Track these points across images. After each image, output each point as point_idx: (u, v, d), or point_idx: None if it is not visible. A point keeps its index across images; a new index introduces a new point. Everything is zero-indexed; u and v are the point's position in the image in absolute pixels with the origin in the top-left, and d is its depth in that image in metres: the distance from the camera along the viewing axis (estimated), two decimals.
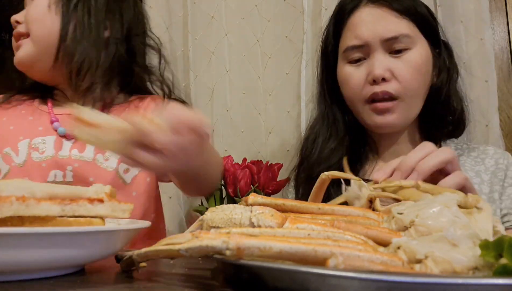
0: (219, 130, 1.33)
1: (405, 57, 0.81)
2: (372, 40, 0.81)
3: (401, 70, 0.80)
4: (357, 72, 0.84)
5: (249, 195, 0.43)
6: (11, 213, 0.38)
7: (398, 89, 0.80)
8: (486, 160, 0.86)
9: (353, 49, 0.84)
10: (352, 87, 0.84)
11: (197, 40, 1.37)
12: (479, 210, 0.36)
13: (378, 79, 0.79)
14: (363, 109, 0.84)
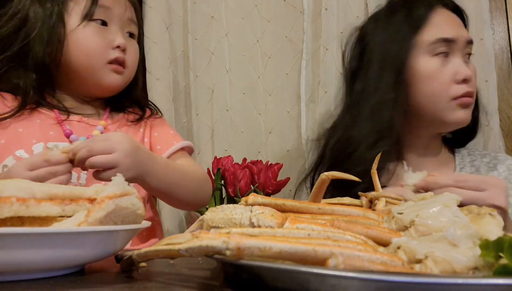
0: (219, 130, 1.33)
1: (472, 63, 0.89)
2: (460, 38, 0.87)
3: (473, 75, 0.88)
4: (444, 68, 0.86)
5: (249, 195, 0.43)
6: (11, 214, 0.38)
7: (474, 90, 0.88)
8: (498, 166, 0.90)
9: (443, 42, 0.86)
10: (441, 83, 0.86)
11: (197, 40, 1.37)
12: (492, 216, 0.36)
13: (468, 79, 0.86)
14: (447, 105, 0.86)
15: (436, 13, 0.89)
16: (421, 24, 0.89)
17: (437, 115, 0.87)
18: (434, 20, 0.88)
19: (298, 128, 1.28)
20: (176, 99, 1.35)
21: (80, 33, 0.81)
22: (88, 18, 0.81)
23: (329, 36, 1.25)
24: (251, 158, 1.22)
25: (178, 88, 1.37)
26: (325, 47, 1.25)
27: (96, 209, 0.40)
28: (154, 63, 1.33)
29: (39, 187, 0.41)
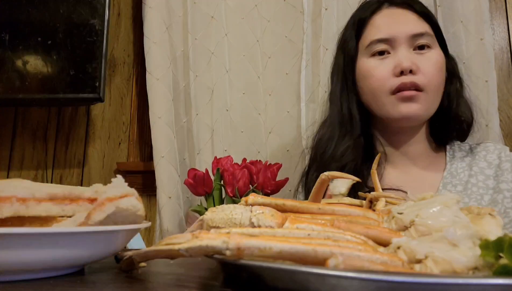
0: (219, 130, 1.33)
1: (428, 55, 0.85)
2: (397, 34, 0.85)
3: (425, 65, 0.83)
4: (382, 65, 0.86)
5: (249, 195, 0.43)
6: (11, 214, 0.38)
7: (424, 81, 0.82)
8: (487, 156, 0.89)
9: (378, 42, 0.86)
10: (378, 79, 0.85)
11: (197, 40, 1.37)
12: (492, 216, 0.36)
13: (406, 70, 0.82)
14: (387, 100, 0.85)
15: (378, 15, 0.89)
16: (362, 28, 0.91)
17: (382, 112, 0.87)
18: (374, 22, 0.89)
19: (298, 128, 1.28)
20: (176, 99, 1.35)
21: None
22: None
23: (329, 36, 1.25)
24: (251, 158, 1.22)
25: (178, 88, 1.37)
26: (325, 47, 1.25)
27: (97, 211, 0.40)
28: (154, 63, 1.33)
29: (39, 187, 0.41)
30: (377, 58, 0.87)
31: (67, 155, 1.53)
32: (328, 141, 0.92)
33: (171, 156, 1.29)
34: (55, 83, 1.35)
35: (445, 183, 0.86)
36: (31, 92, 1.34)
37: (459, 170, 0.88)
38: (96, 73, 1.34)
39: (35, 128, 1.54)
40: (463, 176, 0.87)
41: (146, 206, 1.45)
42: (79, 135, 1.54)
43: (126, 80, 1.55)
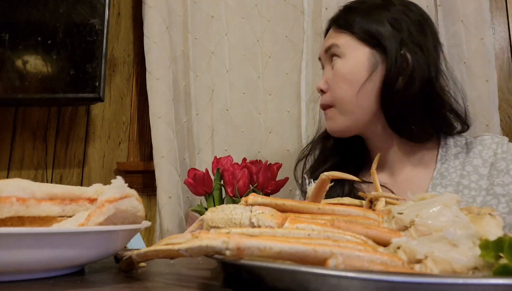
0: (219, 130, 1.33)
1: (335, 67, 0.88)
2: (322, 53, 0.93)
3: (331, 80, 0.89)
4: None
5: (249, 195, 0.43)
6: (11, 214, 0.38)
7: (328, 99, 0.89)
8: (483, 152, 0.84)
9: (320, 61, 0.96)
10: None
11: (197, 40, 1.37)
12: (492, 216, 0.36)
13: (319, 92, 0.91)
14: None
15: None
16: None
17: None
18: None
19: (298, 128, 1.28)
20: (176, 99, 1.35)
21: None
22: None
23: None
24: (251, 158, 1.22)
25: (178, 88, 1.37)
26: None
27: (97, 213, 0.40)
28: (154, 63, 1.33)
29: (39, 186, 0.41)
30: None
31: (67, 154, 1.53)
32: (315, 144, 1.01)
33: (171, 155, 1.29)
34: (55, 83, 1.35)
35: (434, 184, 0.83)
36: (31, 92, 1.34)
37: (450, 170, 0.83)
38: (96, 73, 1.34)
39: (35, 128, 1.54)
40: (455, 176, 0.82)
41: (146, 206, 1.45)
42: (79, 135, 1.54)
43: (126, 80, 1.55)
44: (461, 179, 0.81)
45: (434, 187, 0.82)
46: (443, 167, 0.85)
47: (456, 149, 0.87)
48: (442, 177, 0.83)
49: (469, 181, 0.81)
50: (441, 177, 0.83)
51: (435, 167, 0.85)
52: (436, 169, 0.85)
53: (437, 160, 0.86)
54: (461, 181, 0.81)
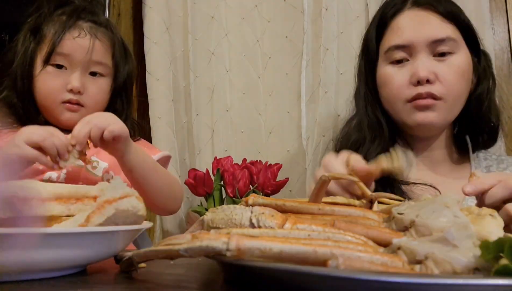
0: (219, 130, 1.33)
1: (450, 61, 0.82)
2: (417, 41, 0.82)
3: (445, 73, 0.81)
4: (399, 73, 0.85)
5: (249, 196, 0.43)
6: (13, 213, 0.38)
7: (441, 91, 0.81)
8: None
9: (396, 49, 0.85)
10: (395, 87, 0.85)
11: (197, 40, 1.37)
12: (492, 217, 0.36)
13: (423, 80, 0.81)
14: (403, 108, 0.85)
15: (400, 17, 0.87)
16: (383, 30, 0.89)
17: (399, 118, 0.87)
18: (395, 25, 0.87)
19: (298, 129, 1.28)
20: (176, 99, 1.35)
21: (40, 76, 0.91)
22: (46, 63, 0.90)
23: (329, 36, 1.25)
24: (251, 158, 1.22)
25: (178, 88, 1.37)
26: (325, 47, 1.25)
27: (96, 214, 0.40)
28: (154, 63, 1.33)
29: (44, 186, 0.41)
30: (396, 65, 0.86)
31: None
32: (357, 143, 0.91)
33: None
34: None
35: None
36: None
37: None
38: None
39: None
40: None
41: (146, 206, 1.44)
42: None
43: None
44: None
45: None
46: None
47: (486, 161, 0.90)
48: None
49: None
50: None
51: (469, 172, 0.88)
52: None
53: (471, 170, 0.88)
54: None
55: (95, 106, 0.95)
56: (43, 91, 0.91)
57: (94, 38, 0.93)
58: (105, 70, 0.96)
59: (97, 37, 0.94)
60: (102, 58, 0.95)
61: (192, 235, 0.33)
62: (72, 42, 0.91)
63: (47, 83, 0.90)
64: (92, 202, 0.43)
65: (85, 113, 0.93)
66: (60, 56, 0.90)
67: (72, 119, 0.92)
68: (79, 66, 0.92)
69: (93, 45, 0.93)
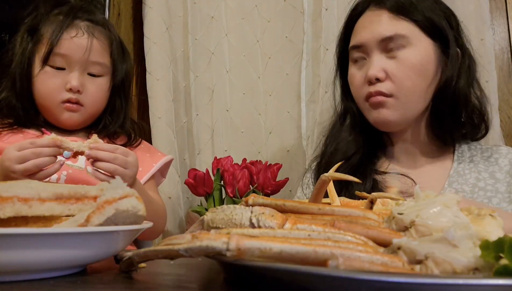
0: (219, 131, 1.33)
1: (401, 57, 0.83)
2: (367, 40, 0.85)
3: (395, 70, 0.82)
4: (358, 73, 0.88)
5: (249, 196, 0.43)
6: (13, 213, 0.38)
7: (391, 88, 0.83)
8: (500, 160, 0.88)
9: (353, 49, 0.89)
10: (355, 87, 0.89)
11: (197, 40, 1.37)
12: (492, 217, 0.36)
13: (372, 79, 0.83)
14: (363, 106, 0.88)
15: (361, 18, 0.89)
16: (347, 33, 0.92)
17: (365, 116, 0.90)
18: (357, 26, 0.90)
19: (298, 129, 1.28)
20: (176, 99, 1.35)
21: (38, 77, 0.91)
22: (45, 64, 0.90)
23: (329, 36, 1.25)
24: (251, 158, 1.22)
25: (178, 88, 1.37)
26: (325, 47, 1.25)
27: (96, 214, 0.40)
28: (154, 63, 1.33)
29: (44, 187, 0.41)
30: (356, 65, 0.89)
31: None
32: (333, 136, 0.96)
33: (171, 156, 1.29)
34: None
35: (451, 181, 0.86)
36: None
37: (466, 171, 0.87)
38: None
39: None
40: (469, 177, 0.86)
41: None
42: None
43: None
44: (477, 182, 0.85)
45: (451, 184, 0.86)
46: (459, 167, 0.88)
47: (470, 152, 0.91)
48: (459, 175, 0.87)
49: (485, 184, 0.84)
50: (457, 175, 0.87)
51: (452, 166, 0.89)
52: (453, 167, 0.88)
53: (454, 160, 0.90)
54: (477, 183, 0.85)
55: (94, 106, 0.95)
56: (42, 92, 0.91)
57: (92, 37, 0.93)
58: (103, 70, 0.96)
59: (95, 36, 0.94)
60: (100, 57, 0.95)
61: (192, 235, 0.33)
62: (70, 42, 0.91)
63: (46, 83, 0.90)
64: (92, 202, 0.43)
65: (84, 113, 0.94)
66: (58, 57, 0.90)
67: (72, 119, 0.93)
68: (77, 66, 0.92)
69: (91, 45, 0.93)
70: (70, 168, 0.88)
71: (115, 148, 0.78)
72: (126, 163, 0.77)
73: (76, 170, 0.89)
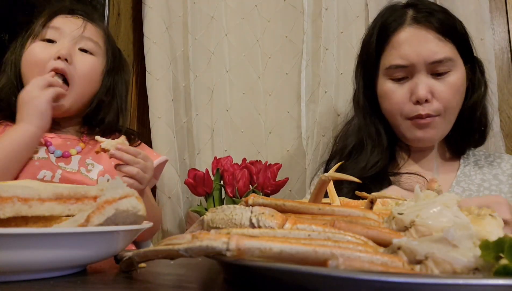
0: (219, 130, 1.33)
1: (447, 80, 0.86)
2: (417, 61, 0.86)
3: (442, 92, 0.85)
4: (400, 90, 0.88)
5: (249, 196, 0.43)
6: (13, 213, 0.38)
7: (438, 109, 0.86)
8: (502, 164, 0.92)
9: (398, 68, 0.88)
10: (395, 103, 0.89)
11: (197, 40, 1.37)
12: (493, 217, 0.36)
13: (422, 100, 0.85)
14: (403, 123, 0.89)
15: (401, 34, 0.88)
16: (383, 45, 0.92)
17: (399, 131, 0.91)
18: (396, 42, 0.89)
19: (298, 129, 1.28)
20: (176, 99, 1.35)
21: (28, 50, 0.89)
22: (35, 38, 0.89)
23: (329, 36, 1.25)
24: (251, 158, 1.22)
25: (178, 88, 1.37)
26: (325, 47, 1.25)
27: (96, 214, 0.40)
28: (154, 63, 1.33)
29: (45, 187, 0.41)
30: (396, 82, 0.89)
31: None
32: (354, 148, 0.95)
33: (171, 156, 1.29)
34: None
35: (458, 180, 0.90)
36: None
37: (471, 173, 0.92)
38: None
39: None
40: (475, 178, 0.90)
41: None
42: None
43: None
44: (482, 182, 0.90)
45: (458, 183, 0.90)
46: (466, 169, 0.93)
47: (474, 157, 0.96)
48: (465, 176, 0.91)
49: (489, 184, 0.89)
50: (464, 175, 0.91)
51: (459, 167, 0.93)
52: (460, 169, 0.93)
53: (460, 163, 0.94)
54: (482, 183, 0.89)
55: (82, 83, 0.90)
56: (29, 62, 0.87)
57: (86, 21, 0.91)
58: (95, 48, 0.92)
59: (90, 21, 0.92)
60: (94, 36, 0.92)
61: (192, 235, 0.33)
62: (64, 19, 0.89)
63: (34, 53, 0.87)
64: (92, 202, 0.43)
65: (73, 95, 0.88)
66: (50, 30, 0.88)
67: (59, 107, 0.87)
68: (69, 38, 0.88)
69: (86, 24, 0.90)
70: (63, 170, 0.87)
71: (138, 152, 0.79)
72: (146, 168, 0.80)
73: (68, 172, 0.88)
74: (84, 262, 0.42)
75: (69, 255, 0.38)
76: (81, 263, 0.42)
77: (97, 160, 0.92)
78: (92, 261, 0.43)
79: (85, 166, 0.90)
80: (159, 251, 0.35)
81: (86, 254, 0.40)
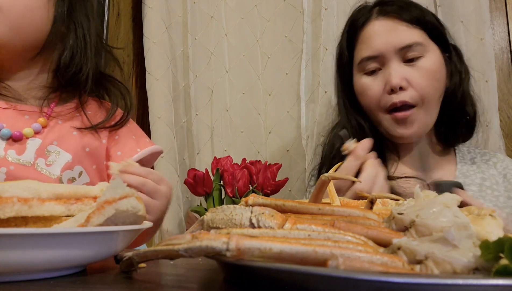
0: (219, 130, 1.33)
1: (420, 65, 0.84)
2: (386, 50, 0.85)
3: (417, 78, 0.83)
4: (374, 83, 0.87)
5: (249, 196, 0.43)
6: (13, 214, 0.38)
7: (415, 96, 0.83)
8: (498, 164, 0.91)
9: (368, 60, 0.87)
10: (371, 97, 0.87)
11: (197, 40, 1.37)
12: (493, 217, 0.36)
13: (395, 88, 0.82)
14: (383, 118, 0.87)
15: (368, 27, 0.89)
16: (353, 42, 0.92)
17: (382, 128, 0.89)
18: (364, 36, 0.89)
19: (298, 128, 1.28)
20: (175, 99, 1.35)
21: None
22: None
23: (329, 36, 1.25)
24: (251, 158, 1.22)
25: (177, 88, 1.37)
26: (325, 47, 1.25)
27: (96, 214, 0.40)
28: (153, 63, 1.33)
29: (44, 187, 0.41)
30: (370, 75, 0.88)
31: None
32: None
33: (170, 156, 1.29)
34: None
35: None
36: None
37: (470, 172, 0.90)
38: None
39: None
40: (475, 178, 0.89)
41: None
42: None
43: (125, 80, 1.55)
44: (483, 181, 0.88)
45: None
46: (464, 168, 0.91)
47: (470, 155, 0.94)
48: (465, 177, 0.89)
49: (490, 183, 0.88)
50: (463, 176, 0.89)
51: (456, 167, 0.91)
52: (457, 169, 0.91)
53: (457, 162, 0.92)
54: (483, 183, 0.88)
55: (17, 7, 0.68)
56: None
57: None
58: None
59: None
60: None
61: (192, 235, 0.33)
62: None
63: None
64: (92, 202, 0.43)
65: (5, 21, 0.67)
66: None
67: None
68: None
69: None
70: (12, 163, 0.68)
71: (148, 172, 0.66)
72: (155, 192, 0.66)
73: (20, 166, 0.69)
74: (84, 262, 0.42)
75: (69, 255, 0.38)
76: (81, 263, 0.42)
77: (65, 144, 0.72)
78: (92, 261, 0.43)
79: (45, 155, 0.71)
80: (159, 251, 0.35)
81: (86, 254, 0.40)
